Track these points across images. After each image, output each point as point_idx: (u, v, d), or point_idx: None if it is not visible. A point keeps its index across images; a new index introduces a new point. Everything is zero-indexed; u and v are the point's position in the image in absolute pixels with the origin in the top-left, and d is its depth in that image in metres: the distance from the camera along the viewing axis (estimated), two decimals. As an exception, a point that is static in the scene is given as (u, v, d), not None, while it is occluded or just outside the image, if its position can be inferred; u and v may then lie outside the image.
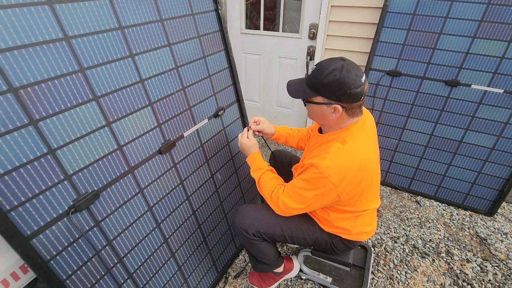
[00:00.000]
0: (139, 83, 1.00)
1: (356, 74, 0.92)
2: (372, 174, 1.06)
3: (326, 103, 0.98)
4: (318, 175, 0.97)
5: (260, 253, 1.25)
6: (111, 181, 0.95)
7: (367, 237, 1.23)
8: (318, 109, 1.02)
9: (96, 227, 0.92)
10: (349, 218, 1.14)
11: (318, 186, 0.99)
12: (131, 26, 0.94)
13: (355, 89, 0.92)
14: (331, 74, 0.92)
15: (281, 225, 1.18)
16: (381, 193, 2.21)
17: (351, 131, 1.02)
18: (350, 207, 1.10)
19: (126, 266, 1.04)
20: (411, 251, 1.73)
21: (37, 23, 0.73)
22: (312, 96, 1.01)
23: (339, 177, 0.96)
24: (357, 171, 0.97)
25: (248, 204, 1.26)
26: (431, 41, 1.81)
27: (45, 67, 0.75)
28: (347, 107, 0.97)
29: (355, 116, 1.02)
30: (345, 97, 0.94)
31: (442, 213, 2.03)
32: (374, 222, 1.24)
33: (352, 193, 1.02)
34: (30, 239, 0.76)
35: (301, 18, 2.32)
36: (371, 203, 1.16)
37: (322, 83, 0.95)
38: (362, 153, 0.99)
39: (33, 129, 0.74)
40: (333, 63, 0.94)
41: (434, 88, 1.89)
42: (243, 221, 1.18)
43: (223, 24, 1.33)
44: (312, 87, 0.99)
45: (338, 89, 0.93)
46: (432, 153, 2.04)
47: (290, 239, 1.20)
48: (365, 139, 1.03)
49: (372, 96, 2.07)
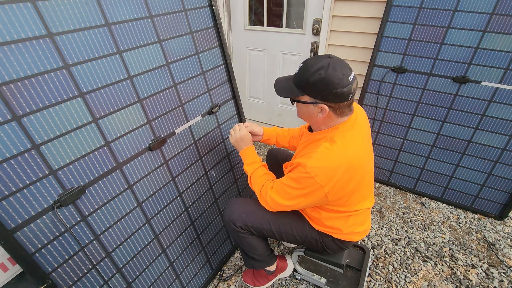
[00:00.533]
0: (127, 80, 1.00)
1: (343, 73, 0.88)
2: (363, 173, 1.02)
3: (313, 102, 0.95)
4: (304, 175, 0.95)
5: (250, 247, 1.24)
6: (98, 177, 0.96)
7: (359, 238, 1.19)
8: (305, 109, 1.00)
9: (82, 221, 0.93)
10: (340, 218, 1.11)
11: (305, 186, 0.97)
12: (118, 22, 0.94)
13: (342, 89, 0.89)
14: (317, 73, 0.89)
15: (269, 220, 1.17)
16: (385, 193, 2.15)
17: (340, 130, 0.99)
18: (340, 207, 1.07)
19: (115, 260, 1.05)
20: (412, 254, 1.67)
21: (19, 20, 0.73)
22: (299, 95, 0.98)
23: (326, 177, 0.93)
24: (345, 171, 0.94)
25: (238, 197, 1.25)
26: (439, 35, 1.72)
27: (28, 63, 0.76)
28: (334, 106, 0.94)
29: (344, 116, 0.99)
30: (332, 97, 0.91)
31: (448, 216, 1.95)
32: (368, 222, 1.20)
33: (341, 193, 1.00)
34: (14, 232, 0.78)
35: (305, 13, 2.28)
36: (364, 203, 1.12)
37: (308, 82, 0.92)
38: (351, 152, 0.96)
39: (16, 124, 0.76)
40: (319, 61, 0.90)
41: (442, 85, 1.81)
42: (231, 213, 1.18)
43: (218, 20, 1.31)
44: (299, 86, 0.96)
45: (323, 88, 0.90)
46: (439, 153, 1.96)
47: (279, 234, 1.19)
48: (355, 137, 1.00)
49: (376, 93, 2.01)
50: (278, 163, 1.49)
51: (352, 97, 0.94)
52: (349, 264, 1.54)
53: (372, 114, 2.07)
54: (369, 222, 1.21)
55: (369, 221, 1.22)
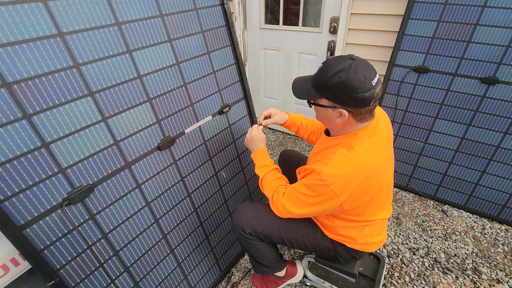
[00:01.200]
0: (137, 79, 0.99)
1: (365, 76, 0.81)
2: (381, 183, 0.95)
3: (331, 106, 0.89)
4: (319, 182, 0.89)
5: (259, 253, 1.21)
6: (106, 176, 0.96)
7: (374, 248, 1.13)
8: (323, 112, 0.94)
9: (91, 220, 0.94)
10: (355, 227, 1.06)
11: (319, 194, 0.91)
12: (128, 22, 0.94)
13: (363, 93, 0.82)
14: (336, 76, 0.83)
15: (279, 227, 1.13)
16: (402, 199, 2.05)
17: (359, 136, 0.92)
18: (356, 216, 1.02)
19: (122, 259, 1.05)
20: (431, 265, 1.58)
21: (30, 20, 0.74)
22: (317, 98, 0.92)
23: (342, 186, 0.88)
24: (363, 180, 0.88)
25: (248, 202, 1.22)
26: (465, 33, 1.62)
27: (38, 62, 0.77)
28: (354, 112, 0.88)
29: (364, 121, 0.92)
30: (352, 102, 0.85)
31: (472, 226, 1.83)
32: (384, 233, 1.14)
33: (357, 203, 0.94)
34: (23, 228, 0.79)
35: (322, 11, 2.21)
36: (381, 213, 1.06)
37: (327, 84, 0.86)
38: (370, 160, 0.90)
39: (26, 123, 0.77)
40: (340, 63, 0.84)
41: (468, 86, 1.70)
42: (240, 219, 1.15)
43: (230, 19, 1.29)
44: (317, 88, 0.90)
45: (343, 93, 0.83)
46: (463, 158, 1.84)
47: (289, 242, 1.15)
48: (375, 144, 0.93)
49: (396, 94, 1.92)
50: (290, 166, 1.45)
51: (375, 102, 0.86)
52: (362, 273, 1.47)
53: (391, 116, 1.98)
54: (385, 232, 1.15)
55: (385, 232, 1.16)
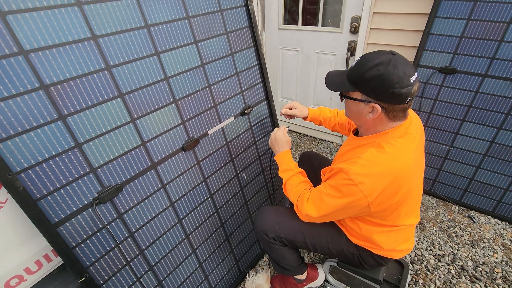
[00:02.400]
0: (164, 81, 1.01)
1: (404, 72, 0.79)
2: (411, 186, 0.92)
3: (364, 100, 0.87)
4: (347, 182, 0.87)
5: (281, 257, 1.20)
6: (134, 176, 0.98)
7: (401, 255, 1.10)
8: (354, 107, 0.92)
9: (119, 219, 0.96)
10: (381, 232, 1.03)
11: (346, 194, 0.88)
12: (157, 24, 0.96)
13: (400, 89, 0.79)
14: (375, 68, 0.81)
15: (303, 231, 1.12)
16: (426, 203, 1.99)
17: (390, 136, 0.90)
18: (383, 220, 0.99)
19: (147, 258, 1.07)
20: (458, 273, 1.52)
21: (67, 24, 0.76)
22: (350, 91, 0.90)
23: (371, 186, 0.85)
24: (393, 181, 0.85)
25: (270, 206, 1.21)
26: (497, 32, 1.55)
27: (73, 65, 0.79)
28: (387, 108, 0.85)
29: (396, 120, 0.89)
30: (386, 97, 0.82)
31: (501, 233, 1.75)
32: (411, 240, 1.10)
33: (385, 205, 0.91)
34: (57, 226, 0.81)
35: (343, 11, 2.18)
36: (408, 218, 1.03)
37: (363, 77, 0.83)
38: (401, 161, 0.87)
39: (61, 124, 0.79)
40: (379, 56, 0.82)
41: (499, 87, 1.62)
42: (264, 224, 1.14)
43: (253, 20, 1.29)
44: (352, 81, 0.88)
45: (379, 86, 0.81)
46: (492, 163, 1.76)
47: (313, 247, 1.13)
48: (407, 146, 0.90)
49: (420, 96, 1.86)
50: (312, 168, 1.44)
51: (410, 100, 0.84)
52: (386, 279, 1.43)
53: (415, 118, 1.92)
54: (412, 239, 1.11)
55: (413, 239, 1.12)
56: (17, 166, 0.73)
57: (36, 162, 0.76)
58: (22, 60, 0.70)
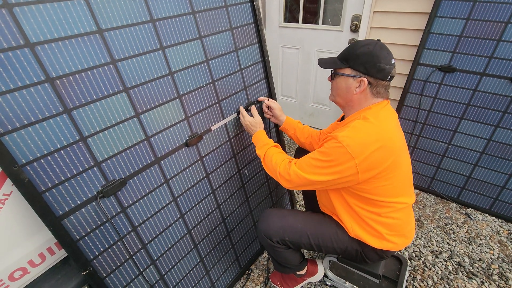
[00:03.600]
0: (169, 76, 1.01)
1: (388, 54, 0.96)
2: (398, 158, 0.96)
3: (354, 75, 0.99)
4: (336, 145, 0.93)
5: (284, 259, 1.21)
6: (138, 170, 0.98)
7: (405, 241, 1.10)
8: (343, 83, 1.02)
9: (122, 213, 0.96)
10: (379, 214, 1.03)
11: (335, 157, 0.93)
12: (162, 18, 0.95)
13: (384, 65, 0.95)
14: (365, 47, 0.96)
15: (307, 233, 1.12)
16: (424, 201, 2.01)
17: (373, 110, 1.00)
18: (375, 195, 0.99)
19: (150, 252, 1.07)
20: (455, 269, 1.54)
21: (73, 17, 0.76)
22: (342, 67, 1.02)
23: (358, 148, 0.90)
24: (379, 148, 0.91)
25: (272, 209, 1.21)
26: (495, 31, 1.57)
27: (79, 58, 0.79)
28: (372, 83, 0.98)
29: (379, 97, 1.01)
30: (374, 70, 0.95)
31: (497, 230, 1.78)
32: (412, 223, 1.12)
33: (373, 173, 0.93)
34: (61, 219, 0.82)
35: (343, 9, 2.19)
36: (402, 196, 1.03)
37: (354, 54, 0.98)
38: (384, 130, 0.94)
39: (67, 117, 0.79)
40: (367, 40, 1.00)
41: (496, 86, 1.65)
42: (268, 228, 1.14)
43: (258, 16, 1.29)
44: (343, 59, 1.02)
45: (368, 60, 0.95)
46: (489, 160, 1.79)
47: (317, 247, 1.14)
48: (389, 119, 1.00)
49: (420, 94, 1.88)
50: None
51: (390, 80, 0.99)
52: (385, 275, 1.45)
53: (414, 116, 1.94)
54: (413, 222, 1.13)
55: (413, 222, 1.14)
56: (22, 159, 0.73)
57: (41, 154, 0.76)
58: (28, 52, 0.70)
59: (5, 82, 0.68)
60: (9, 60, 0.68)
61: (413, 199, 1.10)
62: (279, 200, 1.74)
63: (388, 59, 0.95)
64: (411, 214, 1.12)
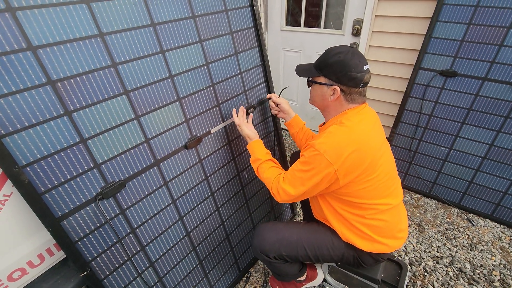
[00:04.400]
0: (169, 79, 1.02)
1: (359, 61, 0.96)
2: (375, 158, 0.97)
3: (327, 83, 1.02)
4: (314, 153, 0.96)
5: (282, 272, 1.21)
6: (137, 172, 0.99)
7: (397, 243, 1.09)
8: (319, 90, 1.06)
9: (121, 214, 0.97)
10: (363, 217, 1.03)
11: (315, 165, 0.96)
12: (163, 22, 0.97)
13: (356, 73, 0.95)
14: (336, 56, 0.97)
15: (304, 245, 1.12)
16: (425, 206, 2.00)
17: (349, 114, 1.02)
18: (356, 198, 1.00)
19: (148, 254, 1.08)
20: (456, 275, 1.53)
21: (74, 21, 0.78)
22: (316, 76, 1.05)
23: (334, 154, 0.93)
24: (355, 151, 0.93)
25: (266, 223, 1.21)
26: (497, 36, 1.56)
27: (80, 61, 0.80)
28: (345, 90, 1.00)
29: (354, 103, 1.03)
30: (345, 79, 0.97)
31: (499, 236, 1.76)
32: (401, 224, 1.10)
33: (352, 176, 0.95)
34: (60, 220, 0.82)
35: (345, 13, 2.19)
36: (385, 197, 1.03)
37: (327, 63, 1.00)
38: (358, 132, 0.97)
39: (67, 119, 0.80)
40: (341, 47, 1.00)
41: (498, 91, 1.64)
42: (263, 245, 1.14)
43: (258, 21, 1.30)
44: (318, 68, 1.04)
45: (339, 70, 0.97)
46: (491, 166, 1.78)
47: (315, 258, 1.13)
48: (364, 121, 1.01)
49: (421, 98, 1.87)
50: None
51: (364, 86, 0.99)
52: (384, 280, 1.44)
53: (415, 121, 1.94)
54: (405, 223, 1.13)
55: (406, 223, 1.14)
56: (23, 160, 0.74)
57: (41, 156, 0.77)
58: (30, 55, 0.71)
59: (7, 85, 0.69)
60: (12, 63, 0.69)
61: (398, 199, 1.10)
62: (278, 204, 1.73)
63: (360, 66, 0.95)
64: (399, 215, 1.10)
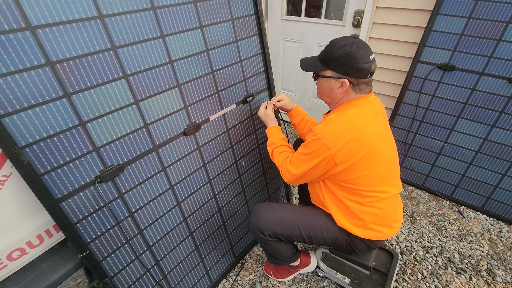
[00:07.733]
0: (168, 64, 1.01)
1: (365, 51, 0.96)
2: (374, 147, 0.98)
3: (335, 76, 1.02)
4: (313, 137, 1.00)
5: (276, 252, 1.24)
6: (136, 157, 0.99)
7: (391, 231, 1.12)
8: (326, 84, 1.06)
9: (119, 198, 0.98)
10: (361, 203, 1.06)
11: (314, 149, 1.00)
12: (163, 6, 0.96)
13: (363, 64, 0.96)
14: (342, 48, 0.97)
15: (298, 226, 1.15)
16: (418, 198, 2.04)
17: (353, 103, 1.04)
18: (356, 185, 1.03)
19: (146, 238, 1.09)
20: (444, 264, 1.58)
21: (74, 1, 0.76)
22: (323, 70, 1.05)
23: (332, 139, 0.96)
24: (354, 139, 0.95)
25: (263, 203, 1.24)
26: (496, 31, 1.57)
27: (79, 43, 0.79)
28: (354, 82, 1.00)
29: (362, 93, 1.04)
30: (353, 71, 0.98)
31: (488, 228, 1.81)
32: (397, 213, 1.13)
33: (350, 162, 0.97)
34: (60, 202, 0.83)
35: (346, 4, 2.18)
36: (384, 185, 1.06)
37: (333, 56, 0.99)
38: (358, 120, 0.98)
39: (66, 101, 0.80)
40: (344, 39, 0.99)
41: (494, 86, 1.66)
42: (259, 222, 1.17)
43: (259, 8, 1.29)
44: (323, 61, 1.03)
45: (346, 62, 0.97)
46: (484, 160, 1.81)
47: (309, 239, 1.17)
48: (366, 110, 1.02)
49: (418, 91, 1.89)
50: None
51: (371, 75, 1.00)
52: (375, 267, 1.48)
53: (412, 114, 1.96)
54: (400, 212, 1.16)
55: (401, 212, 1.17)
56: (22, 141, 0.74)
57: (41, 137, 0.77)
58: (29, 35, 0.71)
59: (6, 64, 0.68)
60: (10, 42, 0.68)
61: (398, 189, 1.13)
62: (275, 192, 1.76)
63: (366, 57, 0.96)
64: (396, 204, 1.14)
